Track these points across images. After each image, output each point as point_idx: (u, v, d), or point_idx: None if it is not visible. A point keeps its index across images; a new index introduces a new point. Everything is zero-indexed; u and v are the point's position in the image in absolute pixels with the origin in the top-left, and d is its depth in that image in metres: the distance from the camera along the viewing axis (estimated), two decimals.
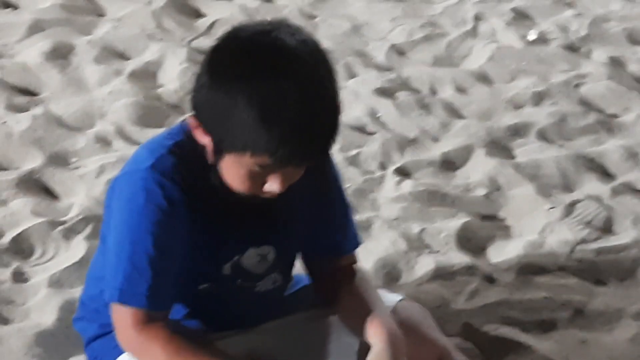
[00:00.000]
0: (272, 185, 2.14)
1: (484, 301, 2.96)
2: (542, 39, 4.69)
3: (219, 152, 2.16)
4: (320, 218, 2.42)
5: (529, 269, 3.14)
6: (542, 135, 3.93)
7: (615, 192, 3.56)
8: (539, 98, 4.20)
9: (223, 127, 2.12)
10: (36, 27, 4.45)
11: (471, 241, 3.29)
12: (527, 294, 3.00)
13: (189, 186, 2.23)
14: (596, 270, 3.15)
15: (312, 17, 4.74)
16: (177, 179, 2.22)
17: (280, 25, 2.14)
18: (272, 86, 2.06)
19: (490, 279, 3.09)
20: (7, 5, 4.68)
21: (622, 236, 3.33)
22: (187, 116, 2.19)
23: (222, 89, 2.10)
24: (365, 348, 2.30)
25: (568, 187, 3.61)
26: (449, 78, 4.32)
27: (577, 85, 4.31)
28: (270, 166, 2.11)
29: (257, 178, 2.15)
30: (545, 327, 2.89)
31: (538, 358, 2.73)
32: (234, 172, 2.16)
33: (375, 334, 2.27)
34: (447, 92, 4.23)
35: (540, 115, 4.05)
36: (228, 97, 2.08)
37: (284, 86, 2.05)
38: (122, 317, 2.25)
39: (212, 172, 2.19)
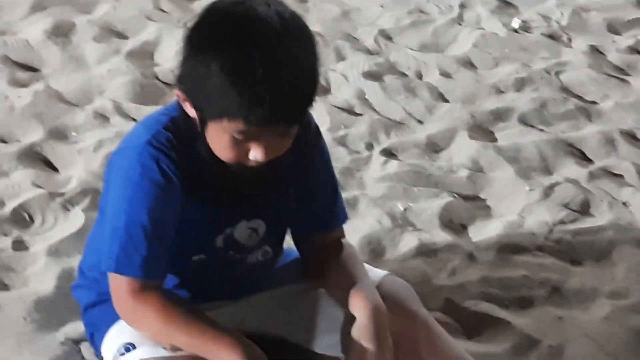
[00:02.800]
0: (256, 154, 2.14)
1: (465, 278, 2.97)
2: (525, 28, 4.70)
3: (203, 122, 2.17)
4: (310, 194, 2.42)
5: (509, 248, 3.14)
6: (523, 120, 3.94)
7: (593, 176, 3.57)
8: (521, 84, 4.21)
9: (201, 95, 2.14)
10: (38, 6, 4.44)
11: (453, 220, 3.30)
12: (506, 272, 3.01)
13: (183, 161, 2.24)
14: (573, 251, 3.16)
15: (303, 1, 4.74)
16: (171, 154, 2.23)
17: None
18: (242, 52, 2.06)
19: (471, 257, 3.10)
20: None
21: (599, 218, 3.34)
22: (175, 90, 2.21)
23: (198, 58, 2.11)
24: (350, 320, 2.31)
25: (547, 170, 3.62)
26: (435, 63, 4.32)
27: (557, 73, 4.32)
28: (248, 132, 2.10)
29: (239, 146, 2.14)
30: (523, 304, 2.89)
31: (516, 333, 2.73)
32: (218, 141, 2.17)
33: (359, 307, 2.28)
34: (432, 77, 4.23)
35: (521, 101, 4.06)
36: (203, 65, 2.10)
37: (253, 52, 2.05)
38: (118, 285, 2.26)
39: (202, 144, 2.20)
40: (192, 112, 2.18)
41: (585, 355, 2.66)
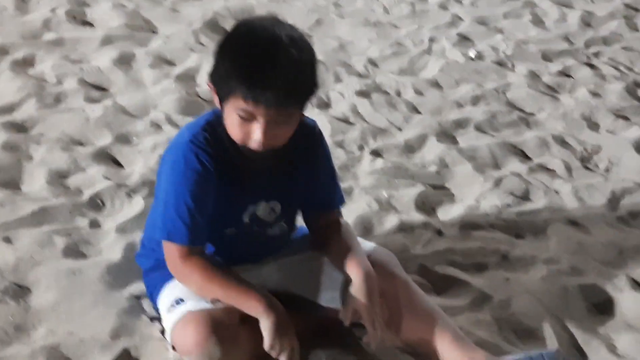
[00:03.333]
0: (256, 134, 2.14)
1: (435, 248, 2.96)
2: (479, 56, 4.68)
3: (222, 106, 2.18)
4: (315, 181, 2.43)
5: (468, 225, 3.14)
6: (478, 128, 3.92)
7: (532, 170, 3.56)
8: (476, 100, 4.19)
9: (218, 82, 2.17)
10: (107, 40, 4.43)
11: (425, 204, 3.28)
12: (467, 244, 3.01)
13: (216, 154, 2.25)
14: (517, 227, 3.15)
15: (309, 36, 4.70)
16: (207, 149, 2.25)
17: (274, 20, 2.19)
18: (249, 50, 2.11)
19: (439, 232, 3.09)
20: (86, 24, 4.66)
21: (536, 203, 3.32)
22: (207, 83, 2.24)
23: (220, 56, 2.17)
24: (348, 282, 2.31)
25: (497, 166, 3.60)
26: (410, 84, 4.31)
27: (504, 91, 4.30)
28: (248, 111, 2.11)
29: (244, 126, 2.15)
30: (479, 268, 2.89)
31: (473, 291, 2.73)
32: (229, 121, 2.18)
33: (355, 272, 2.29)
34: (409, 94, 4.22)
35: (477, 113, 4.04)
36: (222, 60, 2.15)
37: (258, 50, 2.09)
38: (170, 251, 2.26)
39: (225, 135, 2.21)
40: (216, 100, 2.19)
41: (527, 307, 2.65)
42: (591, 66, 4.65)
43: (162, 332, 2.37)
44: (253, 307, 2.21)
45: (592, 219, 3.19)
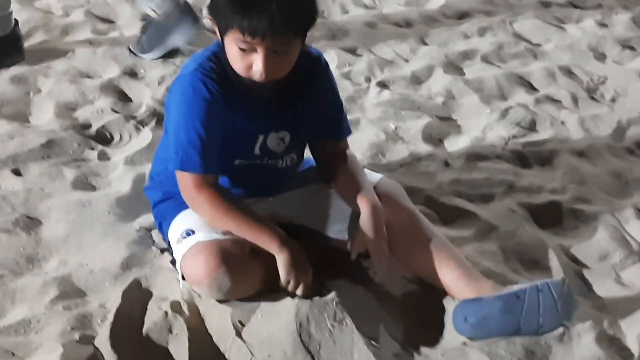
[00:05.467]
0: (257, 65, 2.12)
1: (442, 179, 2.93)
2: None
3: (222, 40, 2.15)
4: (323, 111, 2.40)
5: (474, 156, 3.09)
6: (485, 59, 3.87)
7: (538, 101, 3.51)
8: (483, 31, 4.14)
9: (217, 15, 2.15)
10: None
11: (432, 135, 3.24)
12: (473, 175, 2.97)
13: (223, 82, 2.23)
14: (523, 158, 3.11)
15: None
16: (214, 77, 2.23)
17: None
18: None
19: (446, 163, 3.05)
20: None
21: (543, 134, 3.28)
22: (206, 19, 2.21)
23: None
24: (355, 214, 2.30)
25: (503, 97, 3.56)
26: (417, 15, 4.25)
27: (511, 22, 4.24)
28: (245, 42, 2.09)
29: (244, 58, 2.13)
30: (486, 198, 2.85)
31: (480, 221, 2.70)
32: (230, 54, 2.17)
33: (362, 205, 2.28)
34: (416, 26, 4.16)
35: (483, 44, 3.99)
36: None
37: None
38: (184, 181, 2.25)
39: (228, 65, 2.18)
40: (217, 32, 2.17)
41: (533, 238, 2.63)
42: None
43: (172, 262, 2.36)
44: (267, 242, 2.21)
45: (598, 150, 3.15)
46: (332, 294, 2.23)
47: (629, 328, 2.26)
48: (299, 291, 2.24)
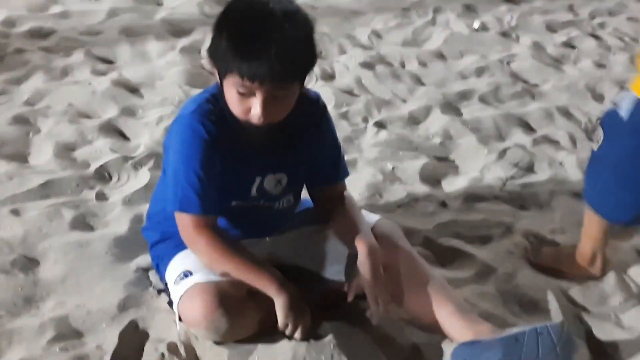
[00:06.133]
0: (255, 109, 2.12)
1: (439, 220, 2.94)
2: (483, 28, 4.65)
3: (221, 82, 2.16)
4: (321, 154, 2.41)
5: (472, 197, 3.12)
6: (483, 99, 3.90)
7: (536, 142, 3.53)
8: (480, 71, 4.17)
9: (217, 58, 2.15)
10: (113, 13, 4.40)
11: (430, 176, 3.27)
12: (471, 216, 2.99)
13: (221, 124, 2.24)
14: (521, 199, 3.14)
15: (313, 8, 4.69)
16: (212, 118, 2.23)
17: None
18: (244, 25, 2.08)
19: (443, 204, 3.07)
20: None
21: (540, 175, 3.31)
22: (205, 60, 2.21)
23: (217, 31, 2.13)
24: (353, 255, 2.30)
25: (501, 138, 3.59)
26: (414, 55, 4.29)
27: (508, 62, 4.28)
28: (245, 86, 2.09)
29: (243, 102, 2.14)
30: (484, 240, 2.87)
31: (478, 263, 2.72)
32: (229, 97, 2.17)
33: (359, 245, 2.28)
34: (413, 66, 4.20)
35: (481, 84, 4.02)
36: (219, 36, 2.12)
37: (252, 26, 2.06)
38: (183, 222, 2.25)
39: (227, 108, 2.19)
40: (216, 74, 2.18)
41: (532, 280, 2.64)
42: (596, 37, 4.61)
43: (170, 304, 2.36)
44: (265, 285, 2.21)
45: None
46: (330, 336, 2.23)
47: None
48: (297, 334, 2.24)
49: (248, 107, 2.14)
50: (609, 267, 2.68)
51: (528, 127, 3.68)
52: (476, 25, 4.68)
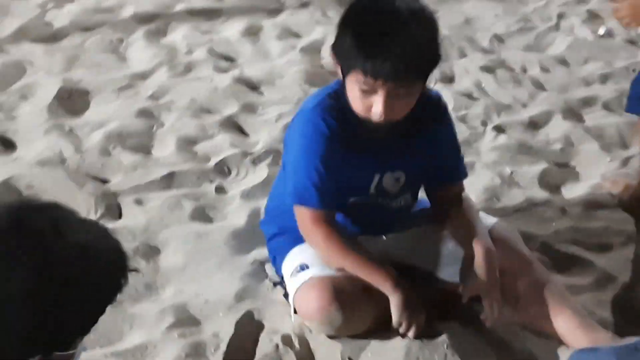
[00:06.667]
0: (376, 107, 2.13)
1: (558, 227, 2.90)
2: (609, 34, 4.55)
3: (344, 79, 2.17)
4: (440, 153, 2.40)
5: (593, 204, 3.05)
6: (606, 106, 3.82)
7: None
8: (605, 78, 4.08)
9: (341, 55, 2.17)
10: (236, 12, 4.49)
11: (549, 182, 3.21)
12: (591, 223, 2.94)
13: (342, 120, 2.26)
14: None
15: (435, 11, 4.64)
16: (334, 114, 2.26)
17: None
18: (369, 24, 2.10)
19: (563, 210, 3.02)
20: None
21: None
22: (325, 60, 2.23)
23: (342, 29, 2.16)
24: (468, 258, 2.30)
25: (624, 146, 3.50)
26: (537, 60, 4.23)
27: (634, 70, 4.17)
28: (367, 84, 2.10)
29: (364, 99, 2.15)
30: (604, 248, 2.81)
31: (597, 271, 2.67)
32: (351, 94, 2.18)
33: (477, 249, 2.27)
34: (534, 71, 4.14)
35: (605, 91, 3.93)
36: (344, 33, 2.14)
37: (378, 24, 2.08)
38: (302, 215, 2.29)
39: (348, 106, 2.20)
40: (339, 72, 2.20)
41: None
42: None
43: (285, 296, 2.41)
44: (381, 282, 2.23)
45: None
46: (444, 336, 2.23)
47: None
48: (410, 333, 2.24)
49: (370, 104, 2.16)
50: None
51: None
52: (602, 31, 4.58)
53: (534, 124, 3.64)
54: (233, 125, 3.49)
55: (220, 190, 3.04)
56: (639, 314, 2.49)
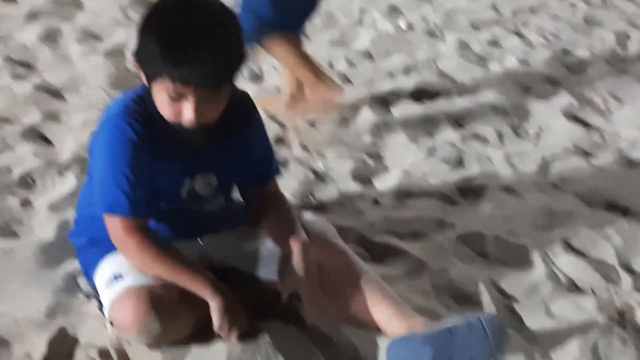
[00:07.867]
0: (186, 113, 2.11)
1: (372, 218, 2.95)
2: (410, 27, 4.70)
3: (150, 85, 2.14)
4: (251, 152, 2.40)
5: (404, 194, 3.13)
6: (411, 97, 3.93)
7: (464, 138, 3.57)
8: (408, 70, 4.21)
9: (144, 61, 2.13)
10: (32, 16, 4.34)
11: (362, 174, 3.27)
12: (403, 212, 3.00)
13: (149, 126, 2.21)
14: (452, 194, 3.15)
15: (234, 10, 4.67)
16: (139, 119, 2.21)
17: None
18: (171, 27, 2.07)
19: (375, 202, 3.09)
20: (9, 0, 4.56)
21: (470, 170, 3.32)
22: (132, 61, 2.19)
23: (143, 33, 2.12)
24: (286, 254, 2.31)
25: (430, 134, 3.61)
26: (342, 55, 4.32)
27: (435, 61, 4.33)
28: (176, 90, 2.08)
29: (174, 105, 2.12)
30: (416, 235, 2.88)
31: (411, 258, 2.74)
32: (159, 100, 2.15)
33: (292, 244, 2.28)
34: (341, 66, 4.24)
35: (409, 82, 4.07)
36: (146, 38, 2.11)
37: (180, 28, 2.06)
38: (113, 224, 2.22)
39: (155, 110, 2.17)
40: (144, 78, 2.16)
41: (464, 274, 2.67)
42: (519, 35, 4.70)
43: (100, 309, 2.33)
44: (200, 288, 2.20)
45: (525, 185, 3.22)
46: (265, 336, 2.22)
47: (559, 359, 2.31)
48: (233, 337, 2.23)
49: (179, 110, 2.12)
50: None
51: (456, 124, 3.73)
52: (403, 24, 4.73)
53: (344, 118, 3.70)
54: (36, 135, 3.37)
55: (25, 203, 2.93)
56: (453, 298, 2.58)
